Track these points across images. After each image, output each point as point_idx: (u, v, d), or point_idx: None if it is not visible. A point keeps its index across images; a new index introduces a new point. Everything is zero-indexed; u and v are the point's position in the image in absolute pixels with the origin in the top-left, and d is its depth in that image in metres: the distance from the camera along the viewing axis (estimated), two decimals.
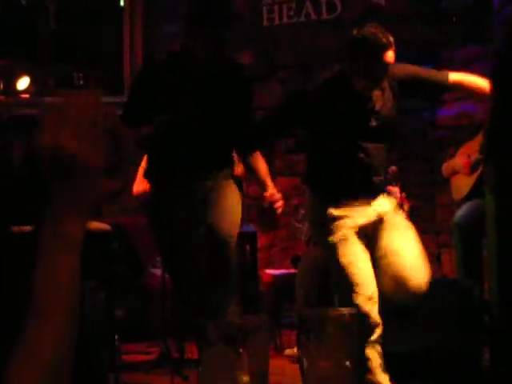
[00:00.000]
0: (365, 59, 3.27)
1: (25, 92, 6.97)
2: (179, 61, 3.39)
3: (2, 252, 3.03)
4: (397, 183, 4.82)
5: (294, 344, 4.49)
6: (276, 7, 6.57)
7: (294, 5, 6.53)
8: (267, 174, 3.62)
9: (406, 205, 4.84)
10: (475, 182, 4.70)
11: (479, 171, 4.64)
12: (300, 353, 0.98)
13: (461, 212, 4.70)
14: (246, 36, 6.52)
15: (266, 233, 5.77)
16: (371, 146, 3.41)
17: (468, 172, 4.80)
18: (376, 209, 3.46)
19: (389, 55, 3.26)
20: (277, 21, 6.59)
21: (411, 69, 3.51)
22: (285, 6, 6.55)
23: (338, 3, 6.49)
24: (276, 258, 6.39)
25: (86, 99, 1.01)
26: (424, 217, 6.14)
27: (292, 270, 5.23)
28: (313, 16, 6.53)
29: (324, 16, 6.50)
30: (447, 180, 5.06)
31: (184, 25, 3.35)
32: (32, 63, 7.00)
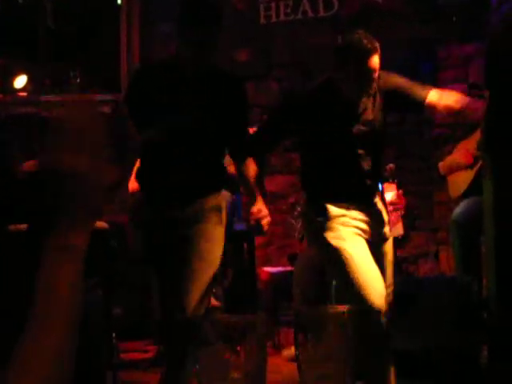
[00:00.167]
0: (350, 65, 3.28)
1: (22, 90, 6.97)
2: (172, 67, 3.33)
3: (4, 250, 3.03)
4: (394, 180, 4.82)
5: (292, 342, 4.50)
6: (273, 5, 6.57)
7: (291, 2, 6.53)
8: (256, 185, 3.50)
9: (403, 202, 4.84)
10: (473, 179, 4.71)
11: (477, 168, 4.65)
12: (298, 351, 0.98)
13: (458, 209, 4.71)
14: (243, 34, 6.52)
15: (258, 235, 5.75)
16: (360, 153, 3.42)
17: (471, 161, 4.77)
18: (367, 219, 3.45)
19: (374, 60, 3.27)
20: (274, 18, 6.58)
21: (397, 80, 3.50)
22: (282, 4, 6.55)
23: (335, 1, 6.50)
24: (273, 256, 6.39)
25: (82, 112, 0.99)
26: (421, 214, 6.16)
27: (289, 268, 5.24)
28: (310, 13, 6.53)
29: (321, 13, 6.50)
30: (444, 178, 5.06)
31: (177, 26, 3.31)
32: (29, 62, 7.00)
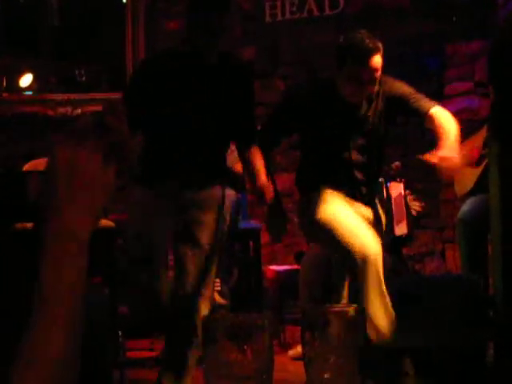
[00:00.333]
0: (351, 64, 3.27)
1: (28, 89, 6.98)
2: (182, 55, 3.32)
3: (4, 249, 3.03)
4: (401, 179, 4.80)
5: (298, 341, 4.49)
6: (278, 3, 6.56)
7: (297, 0, 6.51)
8: (262, 171, 3.42)
9: (414, 202, 4.82)
10: (479, 177, 4.69)
11: (483, 166, 4.63)
12: (304, 350, 0.98)
13: (465, 207, 4.69)
14: (249, 32, 6.51)
15: (277, 241, 5.73)
16: (360, 154, 3.42)
17: (477, 158, 4.75)
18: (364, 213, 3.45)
19: (375, 60, 3.25)
20: (279, 17, 6.57)
21: (404, 88, 3.50)
22: (287, 2, 6.54)
23: None
24: (279, 254, 6.39)
25: (81, 158, 0.94)
26: (428, 212, 6.14)
27: (296, 266, 5.22)
28: (315, 12, 6.51)
29: (327, 12, 6.49)
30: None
31: (188, 13, 3.28)
32: (35, 60, 7.00)
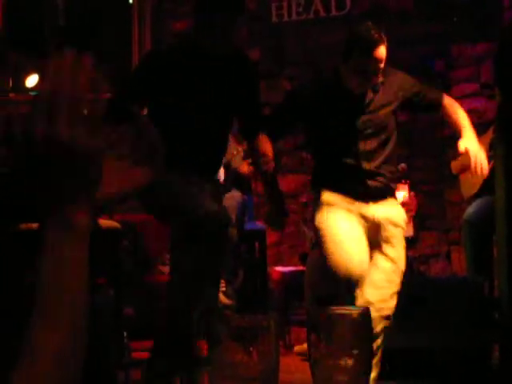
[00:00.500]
0: (358, 56, 3.30)
1: (34, 89, 6.99)
2: (189, 53, 3.31)
3: (4, 249, 3.02)
4: (406, 181, 4.80)
5: (304, 341, 4.49)
6: (285, 4, 6.56)
7: (303, 1, 6.52)
8: (269, 150, 3.39)
9: (414, 203, 4.82)
10: (485, 179, 4.68)
11: (489, 168, 4.62)
12: (310, 351, 0.98)
13: (471, 209, 4.68)
14: (255, 33, 6.51)
15: (275, 231, 5.74)
16: (366, 146, 3.43)
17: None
18: (373, 212, 3.45)
19: (380, 51, 3.29)
20: (286, 17, 6.57)
21: (410, 81, 3.59)
22: (294, 3, 6.54)
23: (348, 0, 6.48)
24: (285, 255, 6.39)
25: (75, 79, 0.89)
26: (433, 214, 6.13)
27: (301, 268, 5.22)
28: (322, 13, 6.51)
29: (333, 12, 6.49)
30: (456, 176, 5.04)
31: (197, 13, 3.26)
32: (41, 60, 7.01)
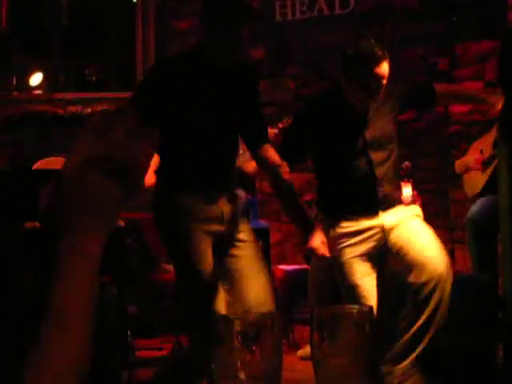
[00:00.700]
0: (361, 73, 3.29)
1: (38, 88, 7.00)
2: (196, 64, 3.25)
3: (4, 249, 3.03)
4: (409, 179, 4.79)
5: (307, 340, 4.48)
6: (289, 2, 6.55)
7: (307, 0, 6.51)
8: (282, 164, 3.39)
9: (418, 203, 4.82)
10: (489, 178, 4.68)
11: (493, 166, 4.62)
12: (313, 351, 0.98)
13: (475, 208, 4.68)
14: (259, 31, 6.51)
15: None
16: (371, 160, 3.43)
17: (480, 168, 4.78)
18: (383, 223, 3.45)
19: (383, 67, 3.29)
20: (289, 16, 6.57)
21: (401, 85, 3.63)
22: (297, 1, 6.53)
23: None
24: (289, 254, 6.39)
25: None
26: (437, 213, 6.12)
27: (305, 266, 5.22)
28: (325, 11, 6.51)
29: (337, 11, 6.48)
30: (460, 176, 5.04)
31: (206, 23, 3.21)
32: (45, 59, 7.02)
